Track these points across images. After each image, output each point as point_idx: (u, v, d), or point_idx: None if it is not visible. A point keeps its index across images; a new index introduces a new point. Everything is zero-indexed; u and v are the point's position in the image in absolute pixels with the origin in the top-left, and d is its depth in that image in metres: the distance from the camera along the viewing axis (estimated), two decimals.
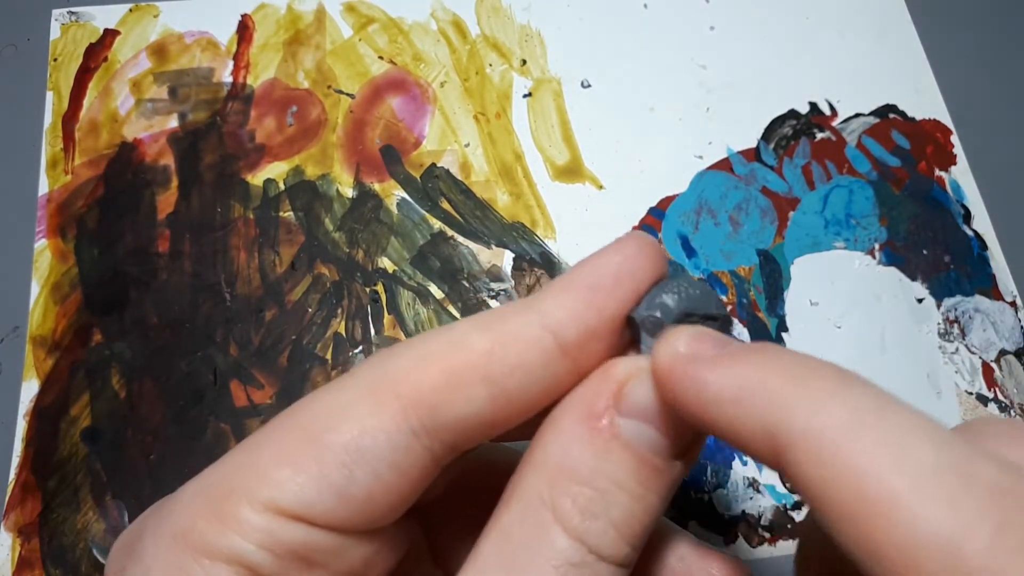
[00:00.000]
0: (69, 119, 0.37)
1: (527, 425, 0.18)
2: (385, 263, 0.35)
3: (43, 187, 0.36)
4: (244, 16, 0.40)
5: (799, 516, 0.31)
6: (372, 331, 0.34)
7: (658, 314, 0.18)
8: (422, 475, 0.18)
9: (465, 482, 0.22)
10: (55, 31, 0.39)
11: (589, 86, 0.39)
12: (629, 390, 0.17)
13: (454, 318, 0.34)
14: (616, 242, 0.18)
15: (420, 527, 0.22)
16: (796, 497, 0.32)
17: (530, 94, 0.38)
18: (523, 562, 0.16)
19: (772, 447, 0.14)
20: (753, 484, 0.32)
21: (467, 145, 0.37)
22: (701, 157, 0.37)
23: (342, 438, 0.17)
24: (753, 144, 0.38)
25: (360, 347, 0.33)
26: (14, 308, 0.34)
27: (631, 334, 0.18)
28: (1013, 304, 0.35)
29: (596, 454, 0.17)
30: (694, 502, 0.31)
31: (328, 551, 0.17)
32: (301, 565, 0.17)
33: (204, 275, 0.35)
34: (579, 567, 0.16)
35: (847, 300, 0.35)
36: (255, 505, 0.16)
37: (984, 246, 0.36)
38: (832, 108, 0.38)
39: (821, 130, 0.38)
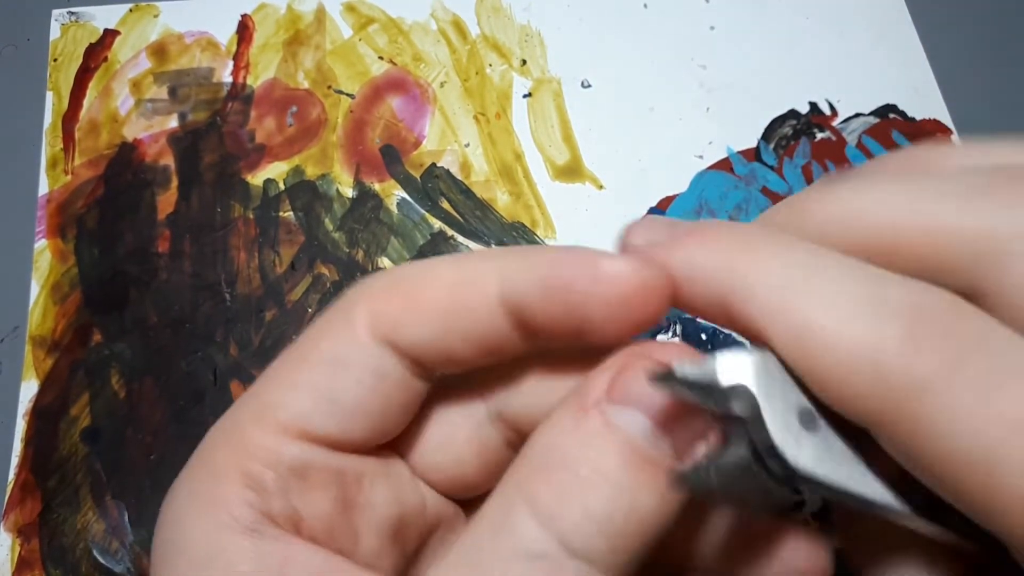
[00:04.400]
0: (69, 119, 0.37)
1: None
2: (385, 263, 0.35)
3: (43, 187, 0.36)
4: (244, 16, 0.40)
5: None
6: None
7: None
8: (404, 388, 0.18)
9: None
10: (55, 31, 0.39)
11: (589, 86, 0.39)
12: (625, 377, 0.16)
13: None
14: (609, 256, 0.17)
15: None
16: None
17: (530, 94, 0.38)
18: (486, 552, 0.16)
19: (726, 314, 0.16)
20: None
21: (467, 145, 0.37)
22: (701, 157, 0.37)
23: (322, 350, 0.18)
24: (753, 144, 0.38)
25: None
26: (14, 308, 0.34)
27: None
28: None
29: (581, 440, 0.16)
30: None
31: (326, 469, 0.18)
32: (301, 484, 0.18)
33: (204, 275, 0.35)
34: (540, 559, 0.15)
35: None
36: (260, 427, 0.18)
37: None
38: (832, 108, 0.38)
39: (821, 130, 0.38)
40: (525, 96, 0.38)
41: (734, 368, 0.16)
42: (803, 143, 0.38)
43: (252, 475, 0.17)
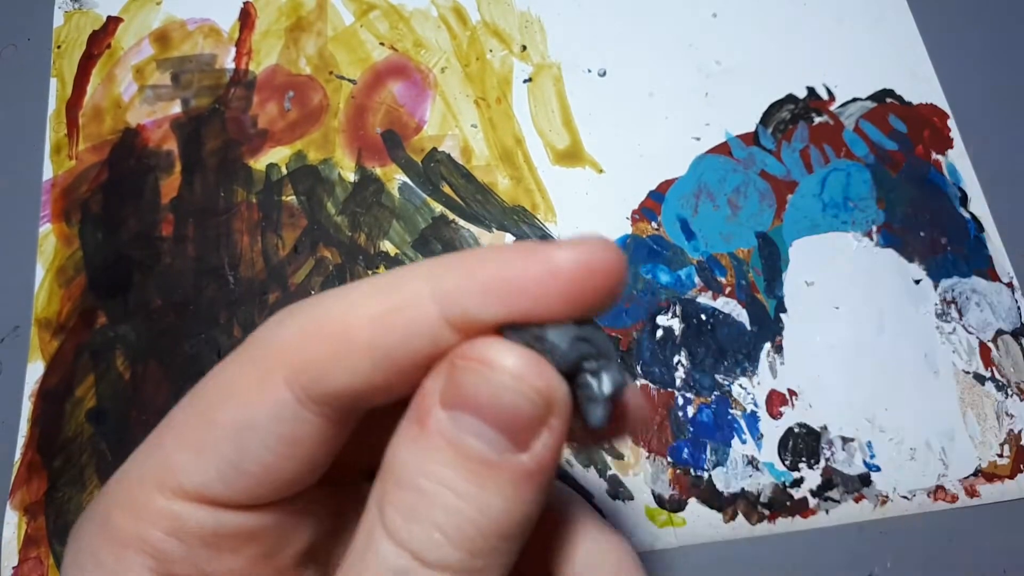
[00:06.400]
0: (73, 105, 0.38)
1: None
2: (387, 246, 0.35)
3: (47, 172, 0.36)
4: (246, 3, 0.40)
5: (798, 494, 0.32)
6: None
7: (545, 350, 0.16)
8: (322, 440, 0.17)
9: None
10: (58, 18, 0.39)
11: (589, 71, 0.39)
12: (454, 382, 0.16)
13: None
14: (560, 245, 0.16)
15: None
16: (795, 475, 0.32)
17: (530, 79, 0.39)
18: (357, 573, 0.16)
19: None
20: (752, 462, 0.32)
21: (473, 126, 0.37)
22: (699, 139, 0.37)
23: (229, 415, 0.16)
24: (752, 128, 0.38)
25: None
26: (19, 291, 0.34)
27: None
28: (1010, 285, 0.35)
29: (418, 453, 0.16)
30: (694, 480, 0.32)
31: (236, 534, 0.17)
32: (210, 551, 0.17)
33: (207, 259, 0.35)
34: (404, 574, 0.15)
35: (845, 281, 0.35)
36: (162, 491, 0.16)
37: (981, 228, 0.36)
38: (830, 93, 0.39)
39: (819, 114, 0.38)
40: (525, 81, 0.39)
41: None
42: (801, 127, 0.38)
43: (153, 543, 0.16)
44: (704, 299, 0.35)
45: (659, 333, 0.34)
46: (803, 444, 0.32)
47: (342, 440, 0.18)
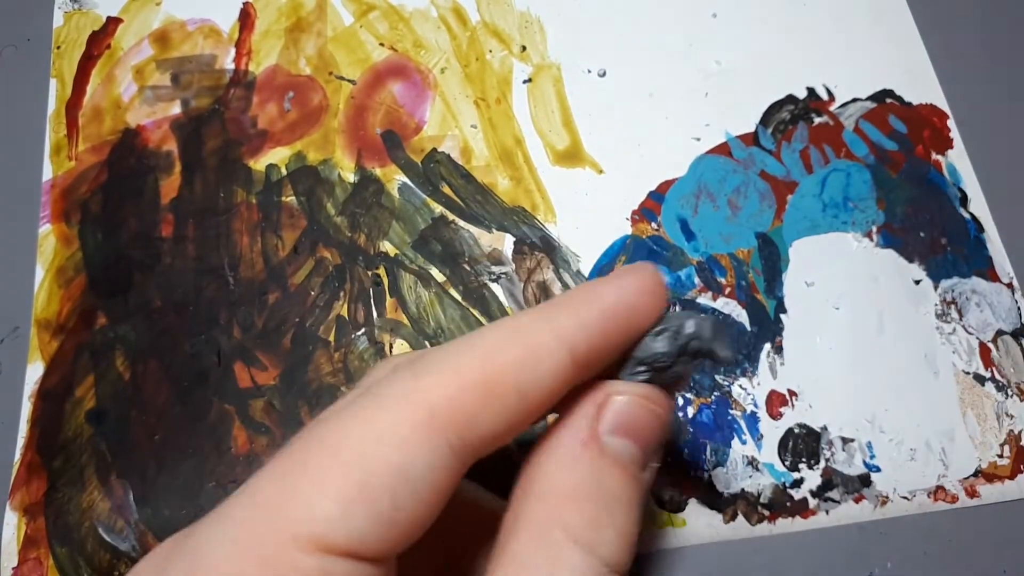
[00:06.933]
0: (72, 106, 0.38)
1: None
2: (387, 247, 0.35)
3: (47, 173, 0.36)
4: (246, 3, 0.40)
5: (798, 494, 0.32)
6: (375, 314, 0.34)
7: (652, 364, 0.21)
8: (454, 487, 0.18)
9: None
10: (58, 19, 0.39)
11: (589, 72, 0.39)
12: (610, 411, 0.19)
13: (456, 301, 0.34)
14: (625, 272, 0.20)
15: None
16: (795, 475, 0.32)
17: (530, 80, 0.39)
18: None
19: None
20: (752, 463, 0.32)
21: (473, 126, 0.37)
22: (699, 139, 0.37)
23: (385, 464, 0.16)
24: (751, 129, 0.38)
25: (363, 329, 0.34)
26: (19, 292, 0.34)
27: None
28: (1010, 285, 0.35)
29: (592, 471, 0.18)
30: (694, 480, 0.32)
31: None
32: None
33: (207, 259, 0.35)
34: None
35: (845, 282, 0.35)
36: (304, 546, 0.16)
37: (981, 228, 0.36)
38: (830, 93, 0.39)
39: (819, 115, 0.38)
40: (525, 82, 0.38)
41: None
42: (801, 128, 0.38)
43: None
44: (704, 300, 0.35)
45: None
46: (803, 444, 0.32)
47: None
